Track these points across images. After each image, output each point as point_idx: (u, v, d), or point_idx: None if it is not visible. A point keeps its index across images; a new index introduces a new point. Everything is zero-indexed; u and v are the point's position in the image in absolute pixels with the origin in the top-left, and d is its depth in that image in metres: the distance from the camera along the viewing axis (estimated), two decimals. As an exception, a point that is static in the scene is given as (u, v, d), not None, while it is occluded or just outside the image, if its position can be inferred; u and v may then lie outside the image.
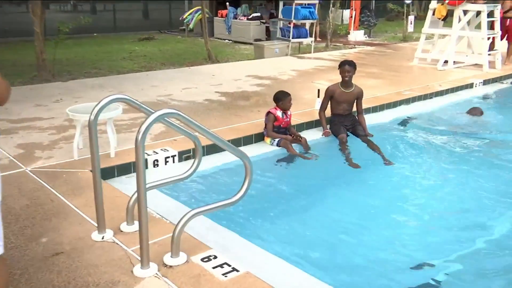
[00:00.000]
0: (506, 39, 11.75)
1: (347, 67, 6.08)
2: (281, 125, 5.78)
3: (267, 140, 5.77)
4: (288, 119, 5.84)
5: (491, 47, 11.50)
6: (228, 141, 5.09)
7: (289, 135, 5.83)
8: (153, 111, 2.88)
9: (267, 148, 5.68)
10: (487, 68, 10.87)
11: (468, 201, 4.66)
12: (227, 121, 6.26)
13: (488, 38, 11.10)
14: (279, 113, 5.76)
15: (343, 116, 6.21)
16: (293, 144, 5.67)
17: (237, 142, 5.52)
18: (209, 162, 5.07)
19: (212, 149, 5.19)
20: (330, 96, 6.21)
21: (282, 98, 5.77)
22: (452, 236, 4.00)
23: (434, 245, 3.86)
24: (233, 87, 8.47)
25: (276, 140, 5.68)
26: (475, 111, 7.52)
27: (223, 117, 6.48)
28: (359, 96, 6.24)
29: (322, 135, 6.17)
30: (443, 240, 3.93)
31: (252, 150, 5.46)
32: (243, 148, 5.39)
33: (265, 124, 5.81)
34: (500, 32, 11.27)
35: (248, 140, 5.74)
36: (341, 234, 3.95)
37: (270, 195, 4.65)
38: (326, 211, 4.34)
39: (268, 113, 5.79)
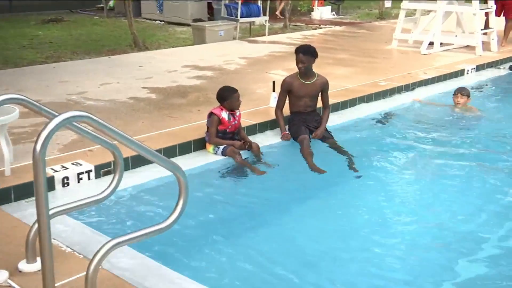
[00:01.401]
0: (504, 15, 12.10)
1: (300, 56, 6.14)
2: (228, 129, 5.79)
3: (209, 148, 5.78)
4: (236, 122, 5.84)
5: (485, 25, 11.86)
6: (159, 150, 5.16)
7: (238, 140, 5.86)
8: (57, 114, 2.84)
9: (210, 158, 5.70)
10: (480, 51, 11.23)
11: (458, 215, 4.80)
12: (159, 125, 6.24)
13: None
14: (224, 114, 5.72)
15: (305, 114, 6.29)
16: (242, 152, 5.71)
17: (172, 151, 5.51)
18: (135, 178, 5.06)
19: (139, 161, 5.17)
20: (287, 90, 6.27)
21: (228, 97, 5.73)
22: (439, 255, 4.13)
23: (418, 267, 3.98)
24: (166, 81, 8.46)
25: (221, 147, 5.68)
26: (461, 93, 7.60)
27: (153, 120, 6.46)
28: (324, 88, 6.33)
29: (281, 139, 6.25)
30: (428, 261, 4.06)
31: (191, 161, 5.49)
32: (179, 159, 5.41)
33: (207, 128, 5.81)
34: (495, 6, 11.62)
35: (186, 148, 5.75)
36: (303, 262, 4.00)
37: (213, 218, 4.65)
38: (285, 236, 4.39)
39: (211, 114, 5.75)
